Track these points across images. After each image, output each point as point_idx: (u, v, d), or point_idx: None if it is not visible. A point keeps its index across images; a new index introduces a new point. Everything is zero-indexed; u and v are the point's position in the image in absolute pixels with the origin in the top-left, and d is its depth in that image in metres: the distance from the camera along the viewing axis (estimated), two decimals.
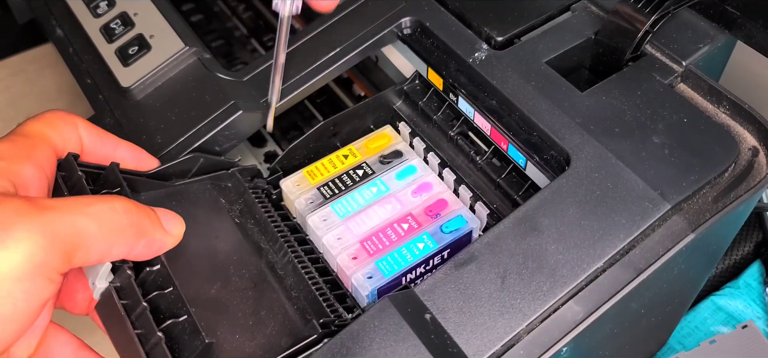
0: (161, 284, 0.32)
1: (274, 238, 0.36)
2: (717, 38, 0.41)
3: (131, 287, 0.30)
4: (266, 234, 0.37)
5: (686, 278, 0.41)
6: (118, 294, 0.30)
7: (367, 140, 0.43)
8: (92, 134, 0.35)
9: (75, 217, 0.28)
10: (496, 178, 0.40)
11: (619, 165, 0.35)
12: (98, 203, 0.29)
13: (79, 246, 0.28)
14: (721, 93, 0.38)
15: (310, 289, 0.34)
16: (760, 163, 0.36)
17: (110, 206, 0.29)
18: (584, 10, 0.43)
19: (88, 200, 0.29)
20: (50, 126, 0.33)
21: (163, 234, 0.32)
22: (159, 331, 0.29)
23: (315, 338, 0.31)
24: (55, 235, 0.27)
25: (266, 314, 0.33)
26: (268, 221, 0.37)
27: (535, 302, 0.31)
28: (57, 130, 0.33)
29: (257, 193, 0.39)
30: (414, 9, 0.44)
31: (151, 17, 0.46)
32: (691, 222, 0.34)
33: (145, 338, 0.29)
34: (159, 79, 0.43)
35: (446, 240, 0.37)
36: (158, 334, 0.29)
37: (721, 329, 0.53)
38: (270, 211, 0.38)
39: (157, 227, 0.31)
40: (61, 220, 0.27)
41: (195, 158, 0.38)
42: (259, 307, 0.33)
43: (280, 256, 0.36)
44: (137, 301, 0.30)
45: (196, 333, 0.30)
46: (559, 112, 0.37)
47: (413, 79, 0.45)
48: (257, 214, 0.37)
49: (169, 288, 0.32)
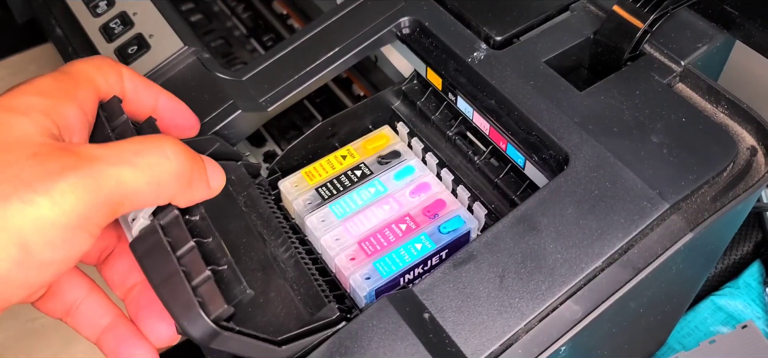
0: (200, 233, 0.31)
1: (278, 233, 0.36)
2: (716, 38, 0.41)
3: (179, 226, 0.29)
4: (269, 228, 0.37)
5: (685, 277, 0.41)
6: (163, 231, 0.29)
7: (366, 141, 0.43)
8: (136, 83, 0.34)
9: (123, 169, 0.27)
10: (495, 178, 0.40)
11: (618, 164, 0.35)
12: (149, 152, 0.28)
13: (124, 201, 0.27)
14: (719, 93, 0.38)
15: (312, 284, 0.34)
16: (758, 162, 0.37)
17: (161, 152, 0.28)
18: (583, 9, 0.43)
19: (137, 146, 0.28)
20: (97, 69, 0.32)
21: (206, 188, 0.31)
22: (208, 269, 0.28)
23: (335, 318, 0.31)
24: (101, 190, 0.26)
25: (275, 296, 0.33)
26: (272, 216, 0.37)
27: (533, 302, 0.31)
28: (102, 74, 0.32)
29: (260, 189, 0.40)
30: (413, 9, 0.44)
31: (151, 17, 0.46)
32: (690, 221, 0.34)
33: (191, 276, 0.28)
34: (158, 78, 0.43)
35: (444, 240, 0.37)
36: (207, 271, 0.28)
37: (721, 329, 0.53)
38: (273, 207, 0.38)
39: (203, 179, 0.30)
40: (109, 174, 0.26)
41: (213, 140, 0.38)
42: (268, 288, 0.33)
43: (283, 250, 0.36)
44: (185, 239, 0.29)
45: (238, 282, 0.29)
46: (557, 112, 0.37)
47: (412, 79, 0.45)
48: (261, 208, 0.38)
49: (210, 238, 0.31)
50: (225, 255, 0.30)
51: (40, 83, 0.29)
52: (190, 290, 0.27)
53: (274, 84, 0.42)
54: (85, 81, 0.31)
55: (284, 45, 0.44)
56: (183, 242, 0.29)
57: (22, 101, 0.28)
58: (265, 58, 0.43)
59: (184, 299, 0.27)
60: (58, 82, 0.30)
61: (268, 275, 0.34)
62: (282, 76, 0.42)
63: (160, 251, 0.28)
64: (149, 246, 0.29)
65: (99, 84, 0.32)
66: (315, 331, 0.31)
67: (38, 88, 0.29)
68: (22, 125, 0.27)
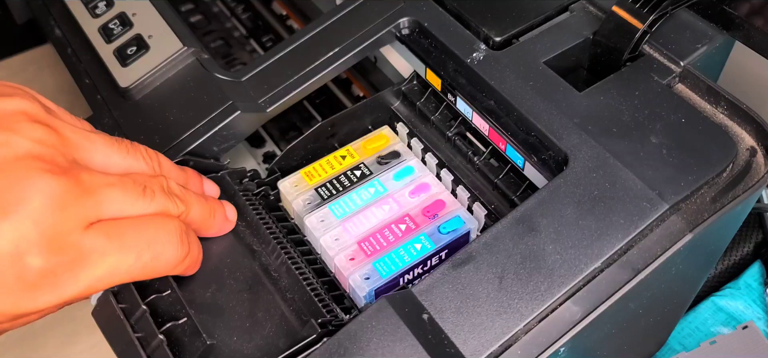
0: (158, 287, 0.32)
1: (267, 240, 0.36)
2: (715, 39, 0.41)
3: (129, 290, 0.30)
4: (258, 236, 0.36)
5: (684, 278, 0.41)
6: (116, 298, 0.30)
7: (365, 141, 0.43)
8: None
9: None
10: (494, 178, 0.40)
11: (617, 165, 0.35)
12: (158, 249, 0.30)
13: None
14: (719, 93, 0.38)
15: (305, 289, 0.34)
16: (758, 163, 0.36)
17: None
18: (582, 10, 0.43)
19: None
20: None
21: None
22: (160, 334, 0.29)
23: (314, 338, 0.31)
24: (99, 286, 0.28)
25: (263, 315, 0.33)
26: (260, 223, 0.37)
27: (532, 302, 0.31)
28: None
29: (247, 195, 0.39)
30: (412, 9, 0.44)
31: (150, 17, 0.46)
32: (689, 222, 0.34)
33: (146, 341, 0.29)
34: (157, 79, 0.43)
35: (444, 241, 0.37)
36: (160, 337, 0.29)
37: (722, 330, 0.53)
38: (261, 213, 0.38)
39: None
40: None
41: (184, 163, 0.38)
42: (256, 309, 0.33)
43: (273, 258, 0.35)
44: (136, 304, 0.30)
45: (197, 334, 0.30)
46: (557, 113, 0.37)
47: (411, 80, 0.45)
48: (248, 216, 0.37)
49: (167, 291, 0.31)
50: (183, 307, 0.31)
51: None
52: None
53: (273, 85, 0.42)
54: None
55: (283, 46, 0.44)
56: (136, 307, 0.30)
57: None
58: (264, 58, 0.43)
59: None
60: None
61: (256, 293, 0.34)
62: (281, 76, 0.42)
63: (115, 320, 0.30)
64: (107, 316, 0.30)
65: None
66: (298, 353, 0.31)
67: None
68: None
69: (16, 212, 0.25)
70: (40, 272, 0.26)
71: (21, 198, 0.25)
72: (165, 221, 0.30)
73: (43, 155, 0.27)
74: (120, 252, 0.28)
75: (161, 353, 0.29)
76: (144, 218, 0.29)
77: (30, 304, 0.26)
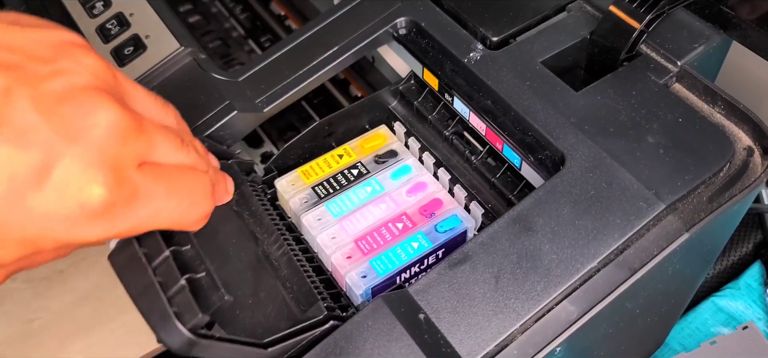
0: (177, 241, 0.31)
1: (270, 230, 0.36)
2: (712, 38, 0.41)
3: (153, 236, 0.30)
4: (262, 226, 0.37)
5: (682, 278, 0.41)
6: (138, 242, 0.30)
7: (362, 140, 0.43)
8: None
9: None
10: (491, 177, 0.40)
11: (614, 165, 0.35)
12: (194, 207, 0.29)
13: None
14: (716, 93, 0.38)
15: (305, 281, 0.34)
16: (754, 162, 0.36)
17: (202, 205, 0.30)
18: (579, 10, 0.43)
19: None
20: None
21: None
22: (183, 279, 0.28)
23: (322, 318, 0.31)
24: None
25: (265, 296, 0.33)
26: (265, 213, 0.37)
27: (529, 302, 0.31)
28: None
29: (254, 186, 0.40)
30: (409, 9, 0.44)
31: (147, 17, 0.46)
32: (686, 222, 0.34)
33: (166, 285, 0.28)
34: (154, 79, 0.43)
35: (441, 240, 0.37)
36: (182, 281, 0.28)
37: (722, 330, 0.53)
38: (266, 204, 0.38)
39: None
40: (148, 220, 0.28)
41: (201, 140, 0.38)
42: (259, 289, 0.33)
43: (275, 248, 0.36)
44: (159, 250, 0.29)
45: (215, 289, 0.30)
46: (553, 112, 0.37)
47: (408, 79, 0.45)
48: (253, 206, 0.37)
49: (187, 245, 0.31)
50: (202, 263, 0.30)
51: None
52: (166, 300, 0.28)
53: (270, 85, 0.42)
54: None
55: (281, 45, 0.44)
56: (158, 252, 0.29)
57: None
58: (261, 58, 0.43)
59: (160, 310, 0.28)
60: None
61: (258, 275, 0.34)
62: (278, 76, 0.42)
63: (136, 262, 0.29)
64: (126, 259, 0.29)
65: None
66: (303, 331, 0.31)
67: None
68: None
69: (84, 139, 0.25)
70: (101, 203, 0.25)
71: (88, 126, 0.25)
72: (200, 174, 0.30)
73: (104, 86, 0.26)
74: (166, 196, 0.28)
75: (183, 298, 0.28)
76: (183, 168, 0.29)
77: (82, 233, 0.26)
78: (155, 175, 0.27)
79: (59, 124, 0.24)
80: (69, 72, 0.26)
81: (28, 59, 0.25)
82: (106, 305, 0.60)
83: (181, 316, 0.28)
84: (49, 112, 0.24)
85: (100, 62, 0.27)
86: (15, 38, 0.26)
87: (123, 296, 0.34)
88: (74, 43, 0.27)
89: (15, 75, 0.24)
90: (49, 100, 0.24)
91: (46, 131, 0.24)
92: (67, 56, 0.26)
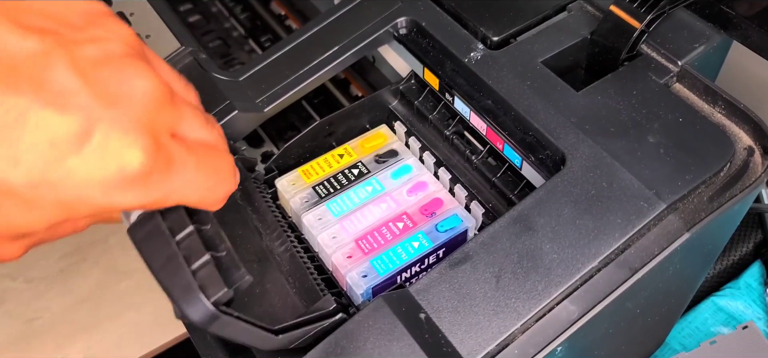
0: (199, 219, 0.30)
1: (273, 227, 0.36)
2: (713, 38, 0.41)
3: (178, 211, 0.29)
4: (265, 223, 0.37)
5: (682, 277, 0.41)
6: (162, 216, 0.29)
7: (363, 140, 0.43)
8: None
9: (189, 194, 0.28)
10: (492, 177, 0.40)
11: (615, 164, 0.35)
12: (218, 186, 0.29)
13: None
14: (716, 93, 0.38)
15: (308, 277, 0.34)
16: (755, 162, 0.36)
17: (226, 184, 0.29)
18: (580, 9, 0.43)
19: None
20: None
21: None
22: (208, 253, 0.27)
23: (332, 309, 0.31)
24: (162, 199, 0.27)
25: (271, 287, 0.33)
26: (268, 210, 0.37)
27: (529, 302, 0.31)
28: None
29: (257, 183, 0.40)
30: (410, 9, 0.44)
31: (148, 17, 0.46)
32: (687, 221, 0.34)
33: (189, 259, 0.27)
34: None
35: (441, 239, 0.37)
36: (207, 255, 0.27)
37: (722, 330, 0.53)
38: (269, 201, 0.38)
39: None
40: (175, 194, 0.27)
41: None
42: (264, 280, 0.33)
43: (278, 244, 0.35)
44: (184, 224, 0.28)
45: (237, 268, 0.29)
46: (554, 112, 0.37)
47: (409, 79, 0.45)
48: (257, 202, 0.37)
49: (208, 224, 0.30)
50: (223, 242, 0.30)
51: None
52: (190, 273, 0.27)
53: (271, 84, 0.42)
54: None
55: (281, 45, 0.44)
56: (182, 226, 0.28)
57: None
58: (262, 58, 0.43)
59: (183, 282, 0.27)
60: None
61: (264, 266, 0.34)
62: (279, 76, 0.42)
63: (159, 235, 0.28)
64: (148, 231, 0.28)
65: None
66: (311, 321, 0.31)
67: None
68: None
69: (123, 104, 0.25)
70: (138, 169, 0.25)
71: (126, 91, 0.25)
72: (224, 153, 0.30)
73: (139, 54, 0.26)
74: (196, 169, 0.27)
75: (208, 272, 0.27)
76: (210, 145, 0.29)
77: (118, 199, 0.25)
78: (187, 146, 0.27)
79: (98, 89, 0.24)
80: (103, 39, 0.25)
81: (63, 26, 0.25)
82: (106, 305, 0.60)
83: (205, 289, 0.27)
84: (87, 76, 0.24)
85: (131, 31, 0.27)
86: (48, 5, 0.26)
87: (123, 296, 0.34)
88: (104, 12, 0.27)
89: (52, 39, 0.24)
90: (87, 66, 0.24)
91: (85, 95, 0.24)
92: (98, 25, 0.26)
